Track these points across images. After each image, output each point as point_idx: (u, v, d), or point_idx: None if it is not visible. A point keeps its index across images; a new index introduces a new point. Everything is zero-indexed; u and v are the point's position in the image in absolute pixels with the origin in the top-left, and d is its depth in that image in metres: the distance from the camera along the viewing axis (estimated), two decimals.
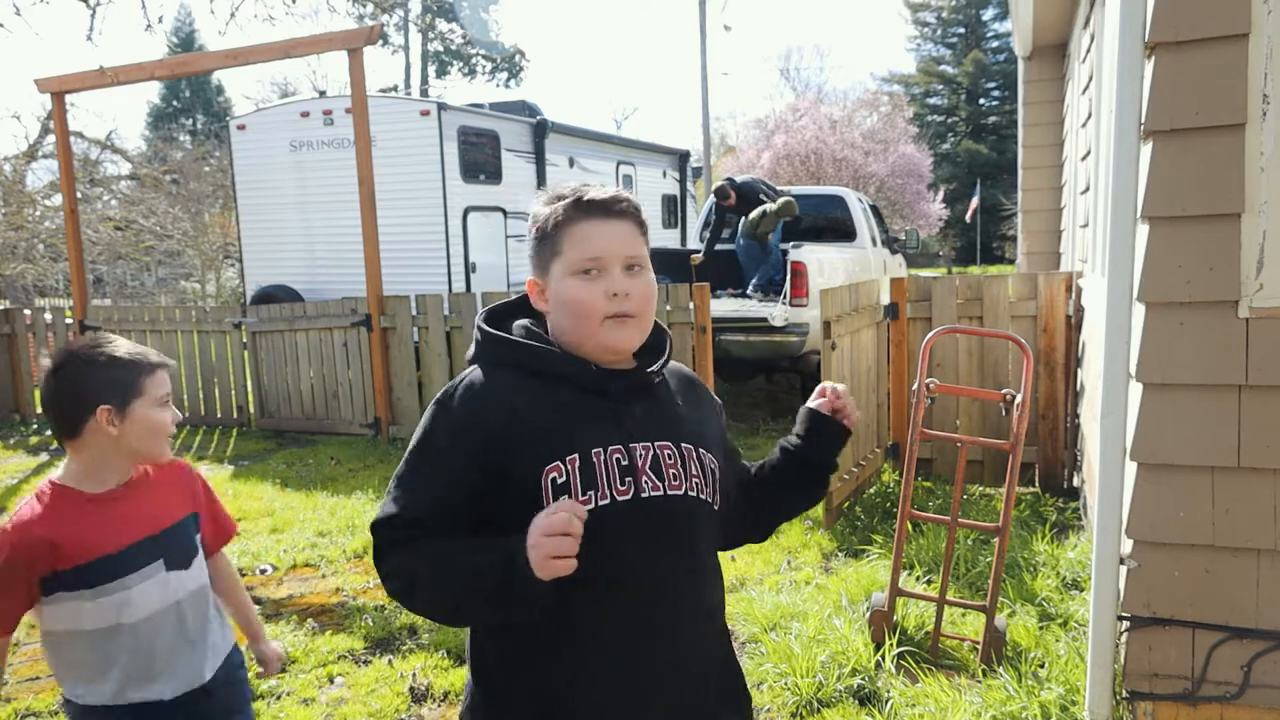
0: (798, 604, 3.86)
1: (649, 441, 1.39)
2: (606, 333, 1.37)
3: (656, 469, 1.38)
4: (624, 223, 1.39)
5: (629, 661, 1.37)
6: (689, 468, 1.41)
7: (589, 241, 1.37)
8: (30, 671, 3.67)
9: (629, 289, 1.37)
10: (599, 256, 1.36)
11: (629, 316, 1.38)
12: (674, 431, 1.43)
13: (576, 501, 1.29)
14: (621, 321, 1.37)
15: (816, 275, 7.64)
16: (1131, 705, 2.70)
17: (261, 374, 8.37)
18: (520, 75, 40.76)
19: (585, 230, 1.37)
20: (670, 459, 1.40)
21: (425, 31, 39.27)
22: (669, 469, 1.39)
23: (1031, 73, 7.65)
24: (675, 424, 1.44)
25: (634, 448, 1.38)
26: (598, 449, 1.35)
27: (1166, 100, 2.49)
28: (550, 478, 1.32)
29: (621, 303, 1.36)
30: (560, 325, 1.41)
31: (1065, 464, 5.35)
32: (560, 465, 1.33)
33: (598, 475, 1.34)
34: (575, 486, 1.32)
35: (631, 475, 1.36)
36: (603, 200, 1.38)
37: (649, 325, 1.43)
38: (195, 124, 37.01)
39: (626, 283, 1.37)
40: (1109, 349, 2.66)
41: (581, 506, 1.24)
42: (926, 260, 33.46)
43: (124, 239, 17.44)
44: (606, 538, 1.31)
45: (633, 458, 1.37)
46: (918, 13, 43.46)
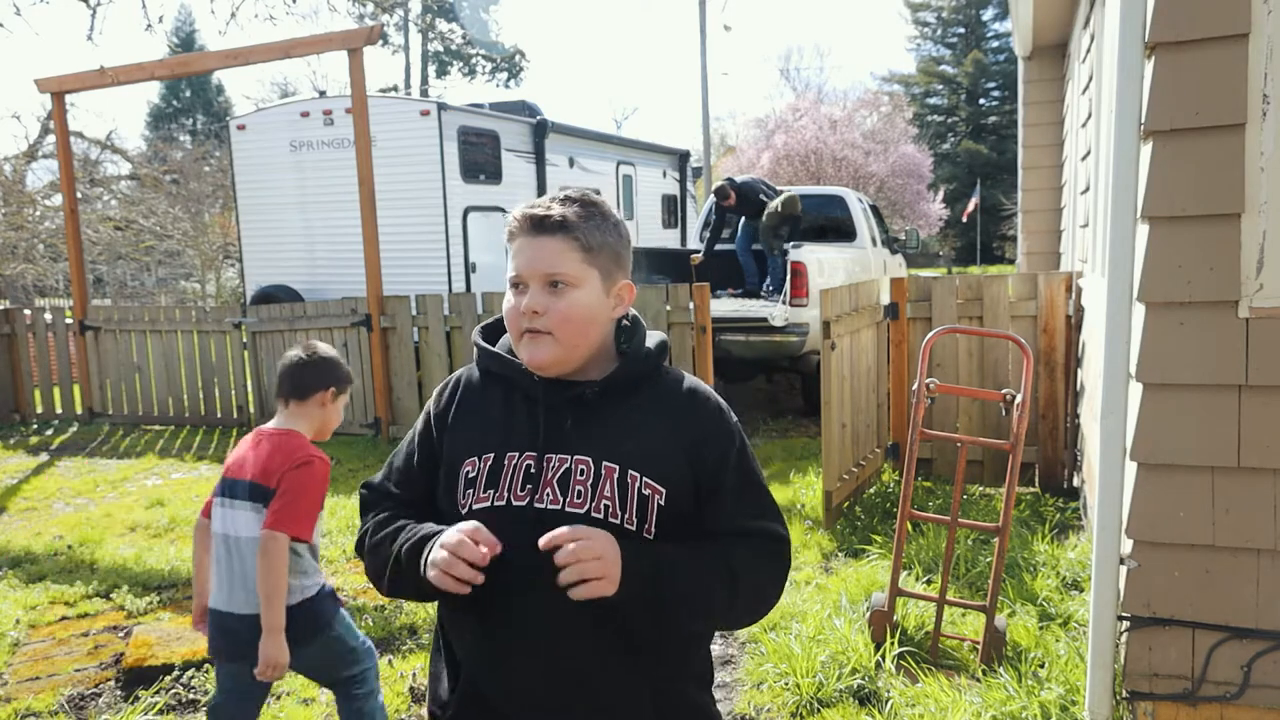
0: (798, 604, 3.86)
1: (566, 454, 1.38)
2: (522, 349, 1.41)
3: (564, 483, 1.36)
4: (553, 239, 1.37)
5: (514, 660, 1.39)
6: (601, 487, 1.36)
7: (516, 257, 1.40)
8: (30, 671, 3.67)
9: (541, 306, 1.36)
10: (519, 273, 1.39)
11: (541, 333, 1.37)
12: (600, 448, 1.38)
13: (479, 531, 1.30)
14: (534, 338, 1.38)
15: (816, 275, 7.64)
16: (1131, 705, 2.70)
17: (261, 374, 8.37)
18: (520, 75, 40.78)
19: (518, 245, 1.40)
20: (582, 475, 1.37)
21: (425, 31, 39.27)
22: (577, 485, 1.36)
23: (1031, 73, 7.65)
24: (609, 440, 1.38)
25: (549, 458, 1.38)
26: (512, 453, 1.40)
27: (1166, 100, 2.49)
28: (465, 471, 1.42)
29: (532, 320, 1.37)
30: None
31: (1065, 464, 5.35)
32: (475, 461, 1.41)
33: (502, 477, 1.39)
34: (480, 483, 1.40)
35: (533, 484, 1.37)
36: (534, 216, 1.38)
37: (574, 344, 1.39)
38: (195, 124, 37.00)
39: (541, 300, 1.36)
40: (1109, 349, 2.66)
41: (489, 540, 1.30)
42: (926, 260, 33.46)
43: (124, 239, 17.44)
44: (499, 537, 1.32)
45: (542, 468, 1.37)
46: (918, 13, 43.48)
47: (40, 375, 9.36)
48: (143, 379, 8.95)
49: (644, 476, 1.37)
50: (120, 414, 9.02)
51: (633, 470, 1.37)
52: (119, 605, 4.29)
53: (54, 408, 9.40)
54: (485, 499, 1.38)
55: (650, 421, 1.42)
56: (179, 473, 7.08)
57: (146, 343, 8.85)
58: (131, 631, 3.97)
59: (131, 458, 7.66)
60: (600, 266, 1.40)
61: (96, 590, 4.47)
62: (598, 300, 1.40)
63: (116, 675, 3.59)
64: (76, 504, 6.29)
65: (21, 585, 4.61)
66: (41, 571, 4.80)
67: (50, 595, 4.43)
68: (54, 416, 9.34)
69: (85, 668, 3.67)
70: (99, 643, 3.90)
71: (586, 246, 1.38)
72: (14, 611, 4.20)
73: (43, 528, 5.70)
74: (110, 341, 8.98)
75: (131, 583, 4.54)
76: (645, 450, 1.39)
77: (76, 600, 4.37)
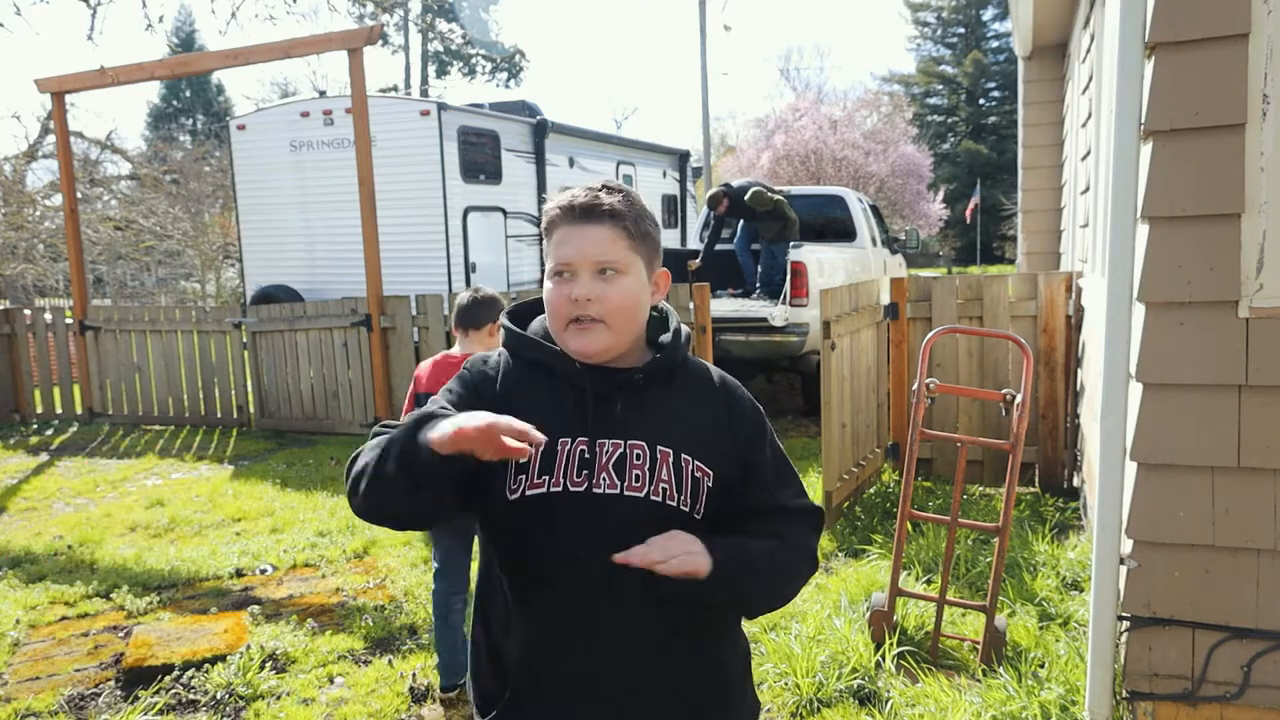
0: (797, 604, 3.86)
1: (619, 439, 1.39)
2: (569, 337, 1.39)
3: (620, 467, 1.38)
4: (602, 226, 1.38)
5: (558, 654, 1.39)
6: (659, 470, 1.39)
7: (562, 246, 1.39)
8: (30, 671, 3.67)
9: (594, 294, 1.37)
10: (569, 261, 1.38)
11: (594, 321, 1.37)
12: (653, 432, 1.41)
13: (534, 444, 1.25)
14: (584, 327, 1.38)
15: (816, 275, 7.64)
16: (1131, 705, 2.70)
17: (261, 374, 8.37)
18: (520, 75, 40.77)
19: (563, 234, 1.39)
20: (639, 459, 1.39)
21: (425, 31, 39.27)
22: (634, 469, 1.38)
23: (1031, 73, 7.65)
24: (661, 425, 1.42)
25: (601, 444, 1.38)
26: (564, 439, 1.38)
27: (1166, 100, 2.49)
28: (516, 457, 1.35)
29: (582, 307, 1.37)
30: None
31: (1065, 464, 5.35)
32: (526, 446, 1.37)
33: (557, 463, 1.37)
34: (534, 468, 1.36)
35: (589, 469, 1.37)
36: (583, 204, 1.39)
37: (625, 331, 1.41)
38: (195, 124, 37.00)
39: (592, 287, 1.37)
40: (1109, 349, 2.66)
41: (537, 434, 1.23)
42: (926, 260, 33.46)
43: (124, 239, 17.44)
44: (556, 525, 1.36)
45: (596, 453, 1.38)
46: (918, 13, 43.47)
47: (40, 375, 9.36)
48: (143, 379, 8.95)
49: (695, 460, 1.41)
50: (120, 414, 9.02)
51: (685, 454, 1.41)
52: (119, 605, 4.29)
53: (54, 408, 9.40)
54: (540, 484, 1.36)
55: (693, 407, 1.46)
56: (179, 473, 7.08)
57: (146, 343, 8.85)
58: (131, 631, 3.97)
59: (131, 458, 7.66)
60: (644, 255, 1.44)
61: (96, 590, 4.47)
62: (643, 287, 1.43)
63: (116, 675, 3.59)
64: (76, 504, 6.29)
65: (21, 585, 4.61)
66: (41, 571, 4.80)
67: (50, 595, 4.43)
68: (54, 416, 9.34)
69: (85, 668, 3.67)
70: (99, 643, 3.90)
71: (633, 234, 1.41)
72: (14, 611, 4.20)
73: (43, 528, 5.70)
74: (110, 341, 8.98)
75: (131, 583, 4.54)
76: (694, 435, 1.43)
77: (76, 600, 4.38)
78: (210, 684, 3.44)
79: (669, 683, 1.42)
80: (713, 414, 1.47)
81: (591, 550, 1.33)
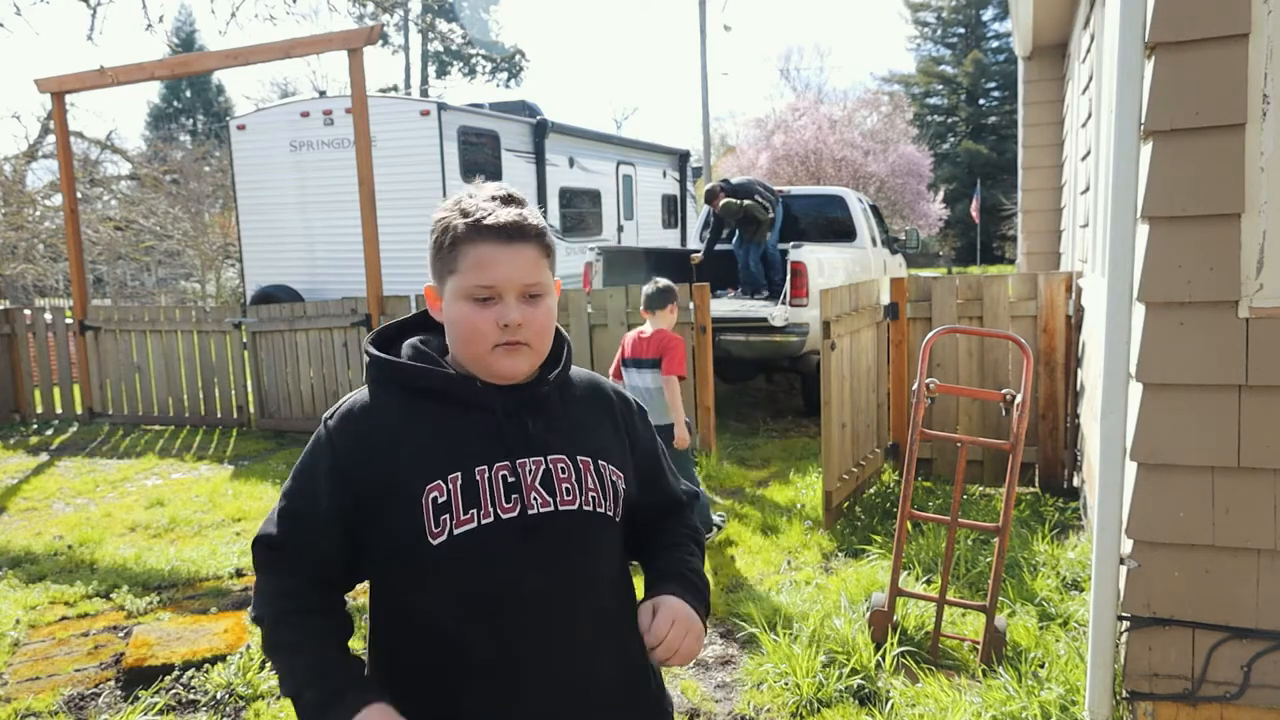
0: (798, 604, 3.86)
1: (540, 456, 1.36)
2: (496, 360, 1.33)
3: (548, 484, 1.35)
4: (528, 247, 1.33)
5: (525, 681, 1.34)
6: (585, 481, 1.38)
7: (485, 269, 1.31)
8: (30, 671, 3.67)
9: (524, 319, 1.32)
10: (494, 285, 1.31)
11: (521, 345, 1.33)
12: (571, 444, 1.39)
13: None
14: (512, 350, 1.33)
15: (816, 275, 7.64)
16: (1131, 705, 2.70)
17: (261, 374, 8.37)
18: (520, 75, 40.77)
19: (482, 254, 1.31)
20: (564, 473, 1.36)
21: (425, 31, 39.26)
22: (562, 483, 1.36)
23: (1031, 73, 7.65)
24: (573, 436, 1.40)
25: (522, 464, 1.34)
26: (482, 466, 1.32)
27: (1166, 100, 2.49)
28: (431, 496, 1.30)
29: (513, 332, 1.32)
30: (451, 343, 1.38)
31: (1065, 464, 5.35)
32: (441, 484, 1.30)
33: (481, 493, 1.31)
34: (457, 505, 1.30)
35: (518, 493, 1.33)
36: (505, 225, 1.31)
37: (544, 351, 1.38)
38: (195, 124, 37.00)
39: (522, 312, 1.32)
40: (1109, 349, 2.66)
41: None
42: (926, 260, 33.44)
43: (124, 239, 17.44)
44: (494, 557, 1.31)
45: (520, 474, 1.34)
46: (918, 13, 43.45)
47: (40, 375, 9.36)
48: (143, 379, 8.95)
49: (610, 465, 1.42)
50: (120, 414, 9.02)
51: (601, 460, 1.41)
52: (119, 605, 4.29)
53: (54, 408, 9.40)
54: (469, 520, 1.30)
55: (593, 414, 1.46)
56: (179, 473, 7.08)
57: (146, 343, 8.85)
58: (131, 631, 3.97)
59: (131, 458, 7.66)
60: (553, 268, 1.40)
61: (96, 590, 4.47)
62: (555, 303, 1.41)
63: (116, 675, 3.59)
64: (76, 504, 6.29)
65: (21, 585, 4.61)
66: (41, 571, 4.80)
67: (50, 595, 4.43)
68: (54, 416, 9.34)
69: (85, 668, 3.67)
70: (99, 643, 3.90)
71: (549, 252, 1.38)
72: (14, 611, 4.20)
73: (43, 528, 5.70)
74: (110, 341, 8.98)
75: (131, 583, 4.54)
76: (602, 441, 1.44)
77: (76, 600, 4.38)
78: (210, 684, 3.44)
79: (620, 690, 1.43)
80: (610, 418, 1.48)
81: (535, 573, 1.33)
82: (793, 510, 5.31)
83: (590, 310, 6.58)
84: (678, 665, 1.38)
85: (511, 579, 1.32)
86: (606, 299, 6.54)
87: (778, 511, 5.31)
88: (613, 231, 12.88)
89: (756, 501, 5.56)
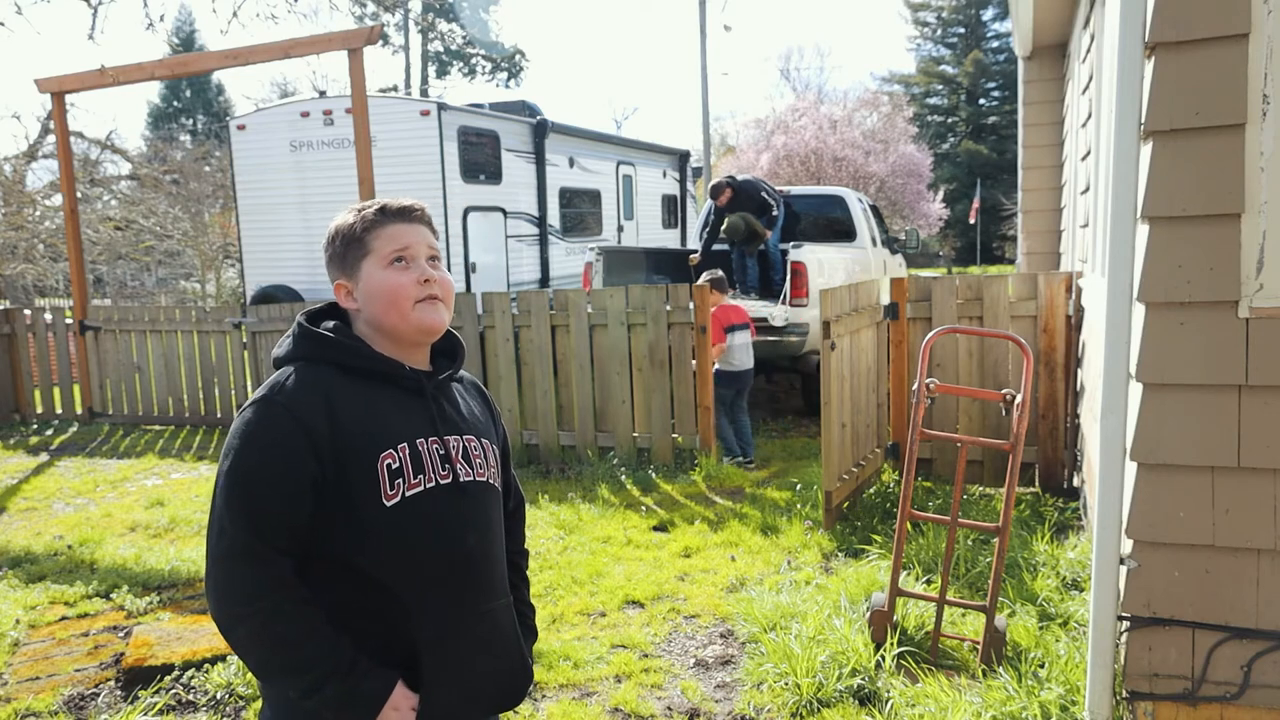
0: (798, 604, 3.86)
1: (457, 435, 1.58)
2: (421, 313, 1.53)
3: (466, 458, 1.57)
4: (423, 226, 1.59)
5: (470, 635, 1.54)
6: (488, 458, 1.62)
7: (397, 239, 1.54)
8: (30, 671, 3.67)
9: (434, 276, 1.54)
10: (407, 246, 1.54)
11: (437, 299, 1.54)
12: (471, 427, 1.62)
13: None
14: (432, 303, 1.54)
15: (816, 275, 7.64)
16: (1131, 705, 2.70)
17: (261, 374, 8.36)
18: (520, 75, 40.74)
19: (392, 231, 1.55)
20: (476, 451, 1.60)
21: (425, 31, 39.25)
22: (474, 458, 1.58)
23: (1031, 73, 7.65)
24: (473, 421, 1.64)
25: (447, 439, 1.55)
26: (420, 439, 1.51)
27: (1166, 100, 2.49)
28: (386, 463, 1.46)
29: (430, 287, 1.53)
30: (374, 316, 1.54)
31: (1065, 464, 5.35)
32: (393, 453, 1.47)
33: (424, 461, 1.50)
34: (408, 470, 1.47)
35: (449, 463, 1.54)
36: (404, 207, 1.58)
37: (451, 310, 1.59)
38: (195, 124, 37.01)
39: (432, 271, 1.55)
40: (1109, 349, 2.66)
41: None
42: (926, 260, 33.44)
43: (124, 239, 17.44)
44: (440, 517, 1.50)
45: (447, 448, 1.54)
46: (918, 13, 43.44)
47: (40, 375, 9.36)
48: (143, 379, 8.95)
49: (494, 447, 1.67)
50: (120, 414, 9.02)
51: (489, 442, 1.65)
52: (119, 605, 4.29)
53: (54, 408, 9.41)
54: (418, 484, 1.48)
55: (475, 403, 1.70)
56: (179, 473, 7.09)
57: (146, 343, 8.85)
58: (131, 631, 3.97)
59: (131, 458, 7.66)
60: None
61: (96, 590, 4.47)
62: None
63: (116, 675, 3.59)
64: (76, 504, 6.29)
65: (21, 585, 4.61)
66: (41, 571, 4.80)
67: (50, 595, 4.43)
68: (54, 416, 9.34)
69: (85, 668, 3.67)
70: (99, 643, 3.90)
71: (437, 235, 1.65)
72: (14, 611, 4.20)
73: (43, 528, 5.70)
74: (110, 341, 8.99)
75: (131, 583, 4.54)
76: (485, 427, 1.68)
77: (76, 600, 4.38)
78: (210, 684, 3.44)
79: (516, 642, 1.66)
80: (483, 407, 1.72)
81: (466, 533, 1.54)
82: (793, 510, 5.31)
83: (590, 310, 6.57)
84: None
85: (455, 537, 1.53)
86: (606, 299, 6.53)
87: (778, 511, 5.31)
88: (613, 231, 12.88)
89: (756, 501, 5.57)
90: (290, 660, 1.39)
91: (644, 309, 6.40)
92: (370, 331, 1.55)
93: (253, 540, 1.39)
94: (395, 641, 1.47)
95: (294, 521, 1.41)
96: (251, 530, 1.39)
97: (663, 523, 5.26)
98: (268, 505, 1.40)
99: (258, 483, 1.40)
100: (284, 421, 1.41)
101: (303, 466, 1.40)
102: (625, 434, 6.55)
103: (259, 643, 1.40)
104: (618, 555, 4.75)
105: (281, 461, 1.40)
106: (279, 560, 1.41)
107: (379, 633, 1.46)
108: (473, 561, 1.54)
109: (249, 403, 1.46)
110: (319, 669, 1.39)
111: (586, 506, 5.56)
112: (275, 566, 1.40)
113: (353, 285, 1.55)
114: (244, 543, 1.39)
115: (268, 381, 1.49)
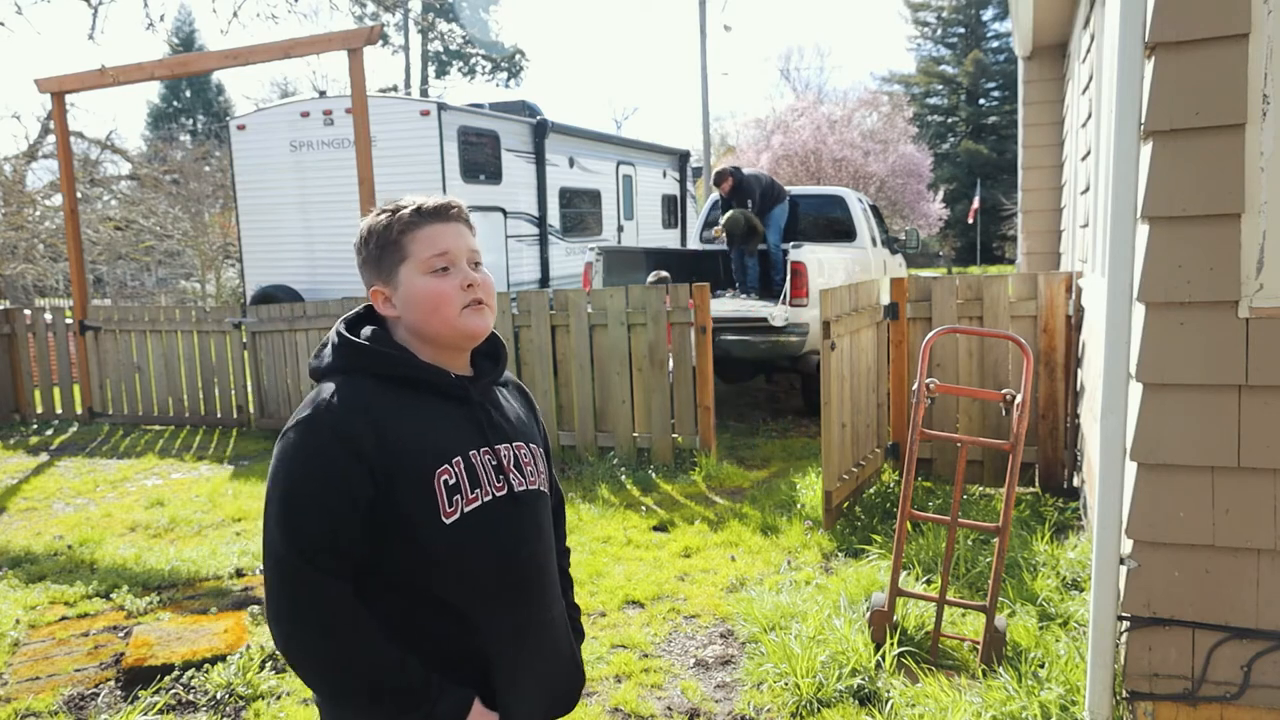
0: (798, 604, 3.86)
1: (507, 443, 1.52)
2: (467, 320, 1.46)
3: (518, 467, 1.53)
4: (461, 225, 1.50)
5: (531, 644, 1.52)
6: (538, 465, 1.58)
7: (437, 243, 1.46)
8: (30, 671, 3.67)
9: (479, 279, 1.48)
10: (447, 251, 1.46)
11: (483, 304, 1.48)
12: (519, 433, 1.57)
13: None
14: (478, 309, 1.48)
15: (816, 275, 7.63)
16: (1131, 705, 2.70)
17: (261, 374, 8.37)
18: (520, 75, 40.74)
19: (430, 233, 1.46)
20: (526, 458, 1.55)
21: (425, 31, 39.24)
22: (526, 466, 1.54)
23: (1031, 73, 7.65)
24: (521, 427, 1.59)
25: (499, 449, 1.50)
26: (473, 450, 1.46)
27: (1166, 100, 2.49)
28: (442, 479, 1.41)
29: (475, 292, 1.47)
30: (415, 323, 1.46)
31: (1065, 464, 5.35)
32: (448, 468, 1.42)
33: (480, 474, 1.46)
34: (464, 486, 1.43)
35: (503, 474, 1.49)
36: (441, 206, 1.48)
37: (495, 311, 1.54)
38: (195, 124, 37.00)
39: (475, 275, 1.48)
40: (1109, 349, 2.66)
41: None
42: (926, 260, 33.43)
43: (124, 239, 17.43)
44: (497, 532, 1.47)
45: (499, 458, 1.50)
46: (918, 13, 43.42)
47: (40, 375, 9.36)
48: (143, 379, 8.95)
49: (541, 451, 1.62)
50: (120, 414, 9.02)
51: (537, 446, 1.60)
52: (119, 605, 4.29)
53: (54, 408, 9.40)
54: (475, 499, 1.44)
55: (519, 406, 1.64)
56: (179, 473, 7.09)
57: (146, 343, 8.85)
58: (131, 631, 3.97)
59: (131, 458, 7.66)
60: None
61: (96, 590, 4.47)
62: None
63: (116, 675, 3.59)
64: (76, 504, 6.29)
65: (21, 585, 4.61)
66: (41, 571, 4.80)
67: (50, 595, 4.43)
68: (54, 416, 9.34)
69: (85, 668, 3.67)
70: (99, 643, 3.90)
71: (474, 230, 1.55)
72: (14, 611, 4.20)
73: (43, 528, 5.70)
74: (110, 341, 8.98)
75: (131, 583, 4.54)
76: (533, 431, 1.63)
77: (76, 600, 4.37)
78: (210, 684, 3.44)
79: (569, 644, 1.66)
80: (526, 408, 1.67)
81: (523, 543, 1.52)
82: (793, 510, 5.31)
83: (590, 310, 6.57)
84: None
85: (514, 548, 1.49)
86: (606, 299, 6.53)
87: (778, 511, 5.31)
88: (613, 231, 12.88)
89: (756, 501, 5.57)
90: (364, 687, 1.35)
91: (644, 309, 6.40)
92: (411, 338, 1.47)
93: (309, 569, 1.34)
94: (463, 658, 1.43)
95: (349, 545, 1.36)
96: (308, 558, 1.34)
97: (663, 523, 5.26)
98: (320, 530, 1.34)
99: (309, 510, 1.35)
100: (331, 445, 1.35)
101: (354, 489, 1.35)
102: (625, 434, 6.55)
103: (330, 671, 1.36)
104: (618, 555, 4.76)
105: (332, 486, 1.35)
106: (338, 585, 1.35)
107: (446, 651, 1.42)
108: (531, 571, 1.52)
109: (292, 423, 1.39)
110: (398, 698, 1.35)
111: (586, 506, 5.56)
112: (336, 592, 1.35)
113: (391, 291, 1.46)
114: (301, 571, 1.34)
115: (309, 398, 1.41)
